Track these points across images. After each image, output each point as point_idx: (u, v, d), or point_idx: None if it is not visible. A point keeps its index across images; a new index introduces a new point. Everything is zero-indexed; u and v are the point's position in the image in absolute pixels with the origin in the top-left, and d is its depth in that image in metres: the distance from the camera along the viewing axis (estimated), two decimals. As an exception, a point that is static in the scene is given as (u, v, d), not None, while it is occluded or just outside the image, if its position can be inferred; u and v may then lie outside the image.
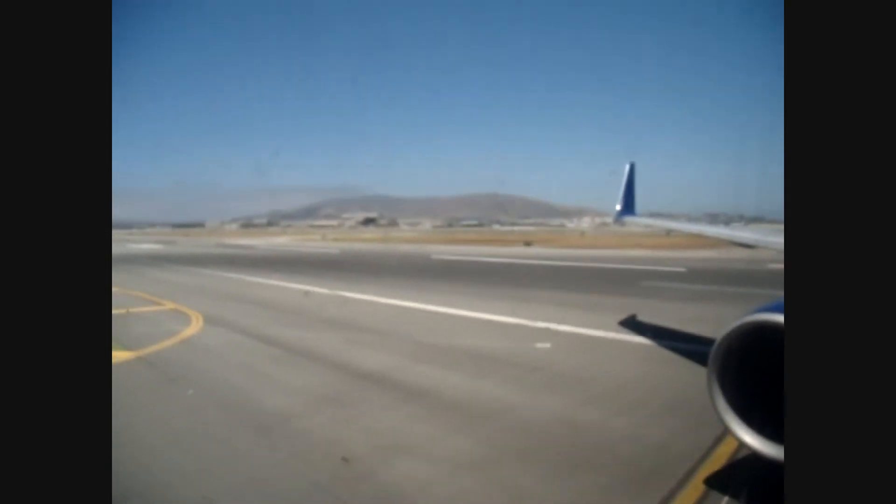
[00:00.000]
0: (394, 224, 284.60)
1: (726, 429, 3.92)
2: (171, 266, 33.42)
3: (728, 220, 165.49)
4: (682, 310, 13.75)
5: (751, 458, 3.93)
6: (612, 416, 6.47)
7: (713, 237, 9.54)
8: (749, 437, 3.81)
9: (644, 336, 10.81)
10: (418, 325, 12.69)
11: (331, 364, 9.21)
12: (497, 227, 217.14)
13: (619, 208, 12.26)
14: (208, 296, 18.86)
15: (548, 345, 10.32)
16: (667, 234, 49.79)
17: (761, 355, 3.84)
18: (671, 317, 12.62)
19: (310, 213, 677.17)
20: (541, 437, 5.95)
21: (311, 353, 10.03)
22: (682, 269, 24.35)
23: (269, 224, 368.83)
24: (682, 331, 11.19)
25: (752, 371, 3.94)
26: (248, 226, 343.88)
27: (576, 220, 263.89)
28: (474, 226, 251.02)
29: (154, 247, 62.97)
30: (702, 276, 21.85)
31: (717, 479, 4.80)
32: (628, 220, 12.19)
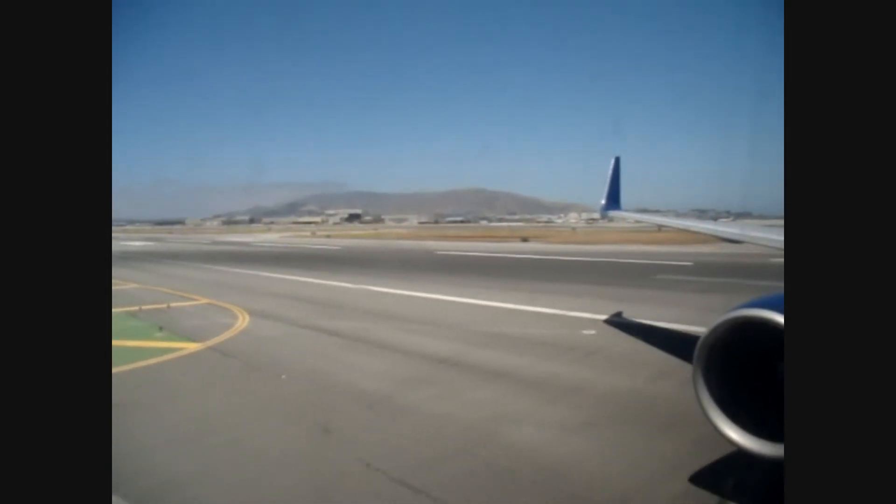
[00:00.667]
0: (379, 220, 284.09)
1: (711, 425, 3.85)
2: (178, 263, 33.63)
3: (716, 215, 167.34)
4: (707, 300, 14.65)
5: (737, 455, 3.88)
6: (677, 388, 7.20)
7: (702, 233, 9.77)
8: (735, 434, 3.77)
9: (679, 324, 11.60)
10: (459, 316, 13.41)
11: (398, 350, 9.90)
12: (484, 223, 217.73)
13: (604, 202, 12.52)
14: (234, 291, 19.27)
15: (593, 331, 11.11)
16: (658, 230, 50.83)
17: (746, 351, 3.88)
18: (699, 306, 13.48)
19: (292, 209, 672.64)
20: (624, 406, 6.73)
21: (372, 341, 10.69)
22: (689, 263, 25.29)
23: (252, 221, 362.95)
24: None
25: (737, 367, 3.94)
26: (230, 223, 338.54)
27: (562, 215, 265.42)
28: (460, 222, 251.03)
29: (147, 244, 62.15)
30: (709, 269, 22.79)
31: (703, 477, 4.83)
32: (613, 213, 12.45)
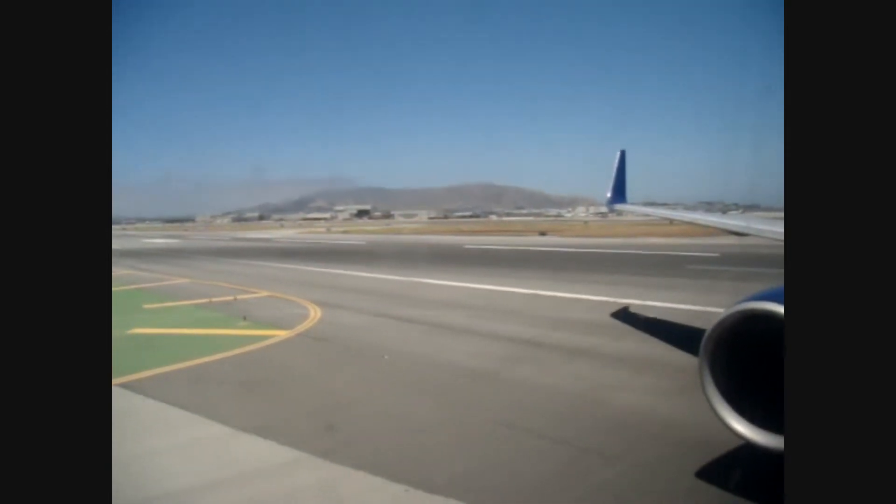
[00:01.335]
0: (388, 216, 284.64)
1: (717, 417, 3.90)
2: (216, 259, 34.61)
3: (725, 208, 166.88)
4: (747, 287, 15.37)
5: (745, 449, 3.91)
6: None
7: (708, 225, 9.75)
8: (741, 427, 3.77)
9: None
10: (516, 304, 14.31)
11: (478, 334, 10.76)
12: (494, 217, 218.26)
13: (609, 196, 12.72)
14: (286, 284, 20.01)
15: (652, 315, 11.95)
16: (669, 223, 51.44)
17: (753, 344, 3.87)
18: (742, 292, 14.24)
19: (300, 205, 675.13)
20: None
21: (449, 327, 11.58)
22: (716, 254, 26.04)
23: (261, 218, 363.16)
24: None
25: (743, 360, 3.95)
26: (239, 219, 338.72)
27: (571, 210, 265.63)
28: (469, 217, 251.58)
29: (169, 241, 62.72)
30: (738, 259, 23.52)
31: (710, 472, 4.86)
32: (619, 207, 12.64)
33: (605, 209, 12.76)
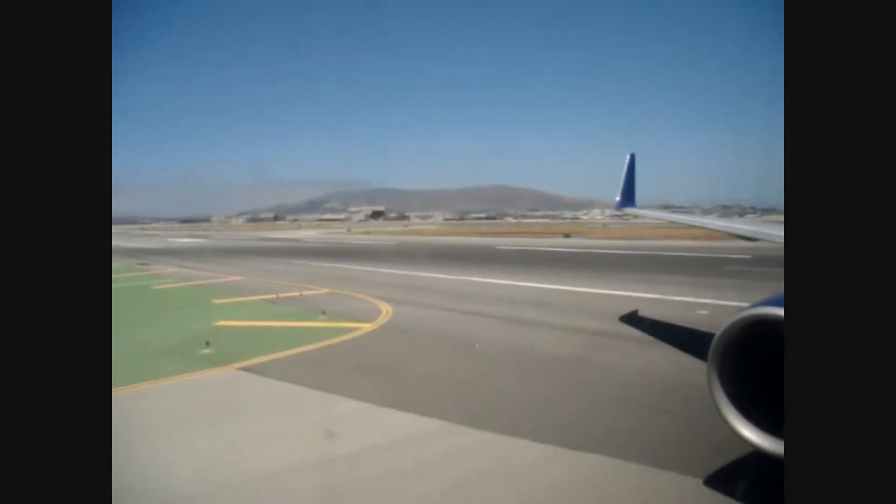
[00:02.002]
0: (404, 217, 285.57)
1: (725, 423, 3.91)
2: (254, 258, 35.47)
3: (742, 211, 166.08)
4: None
5: (752, 456, 3.91)
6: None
7: (717, 230, 10.05)
8: (748, 432, 3.76)
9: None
10: (575, 300, 15.22)
11: (554, 327, 11.63)
12: (510, 220, 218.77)
13: (619, 199, 12.83)
14: (340, 281, 20.67)
15: (706, 312, 12.75)
16: (687, 227, 51.71)
17: (761, 350, 3.83)
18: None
19: (314, 206, 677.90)
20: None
21: (523, 320, 12.43)
22: (748, 256, 26.65)
23: (276, 218, 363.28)
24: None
25: (752, 366, 3.93)
26: (254, 220, 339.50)
27: (586, 212, 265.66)
28: (483, 218, 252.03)
29: (196, 241, 63.24)
30: (771, 261, 24.07)
31: (717, 479, 4.88)
32: (628, 210, 12.80)
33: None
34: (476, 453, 5.66)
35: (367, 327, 11.96)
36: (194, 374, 8.66)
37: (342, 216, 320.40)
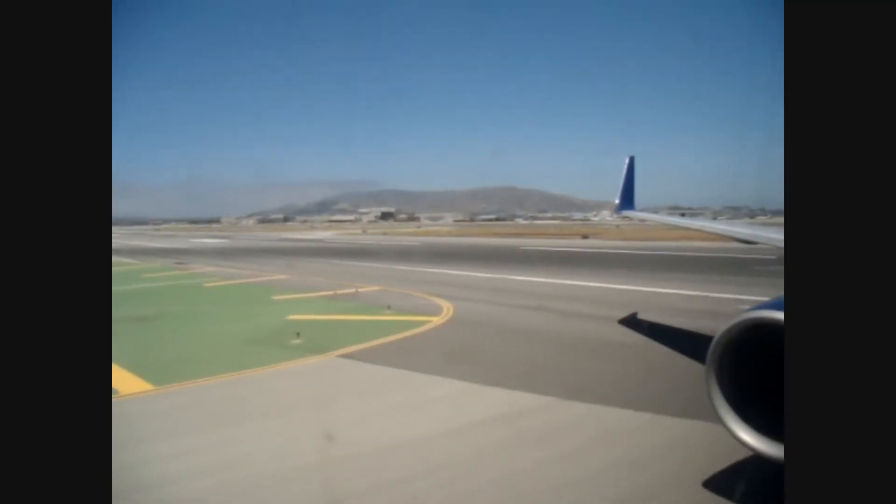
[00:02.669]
0: (414, 218, 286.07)
1: (724, 427, 3.87)
2: (288, 257, 36.21)
3: (751, 213, 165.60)
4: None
5: (751, 460, 3.91)
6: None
7: (716, 234, 10.53)
8: (747, 436, 3.73)
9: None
10: (619, 297, 16.04)
11: (611, 319, 12.47)
12: (520, 221, 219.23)
13: (618, 202, 12.86)
14: (388, 279, 21.24)
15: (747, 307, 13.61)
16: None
17: (760, 353, 3.82)
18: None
19: (323, 207, 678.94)
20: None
21: (579, 314, 13.34)
22: (773, 256, 27.38)
23: (286, 219, 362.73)
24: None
25: (751, 369, 3.91)
26: (264, 221, 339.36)
27: (596, 213, 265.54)
28: (493, 219, 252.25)
29: (221, 241, 63.73)
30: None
31: (716, 482, 4.85)
32: (628, 213, 12.88)
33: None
34: (587, 421, 6.59)
35: (435, 320, 12.78)
36: (298, 361, 9.49)
37: (352, 217, 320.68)
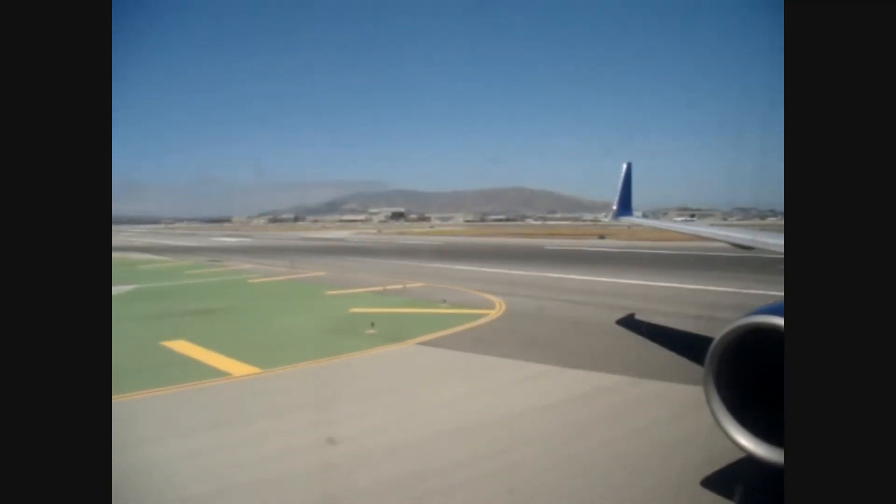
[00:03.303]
0: (425, 218, 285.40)
1: (722, 431, 3.85)
2: (317, 255, 36.78)
3: (761, 214, 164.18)
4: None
5: (748, 462, 3.94)
6: None
7: (714, 239, 10.56)
8: (745, 440, 3.73)
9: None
10: (661, 293, 16.86)
11: (659, 313, 13.22)
12: (531, 221, 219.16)
13: (615, 208, 12.87)
14: (428, 276, 21.80)
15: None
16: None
17: (759, 358, 3.82)
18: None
19: (333, 207, 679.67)
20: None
21: (625, 307, 14.03)
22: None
23: (296, 219, 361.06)
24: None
25: (749, 374, 3.91)
26: (275, 221, 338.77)
27: (606, 214, 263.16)
28: (503, 220, 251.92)
29: (243, 240, 63.87)
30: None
31: (714, 483, 4.87)
32: (625, 219, 12.99)
33: (639, 213, 13.94)
34: (667, 396, 7.45)
35: (492, 313, 13.45)
36: (382, 349, 10.17)
37: (362, 217, 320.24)
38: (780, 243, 7.22)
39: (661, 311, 13.46)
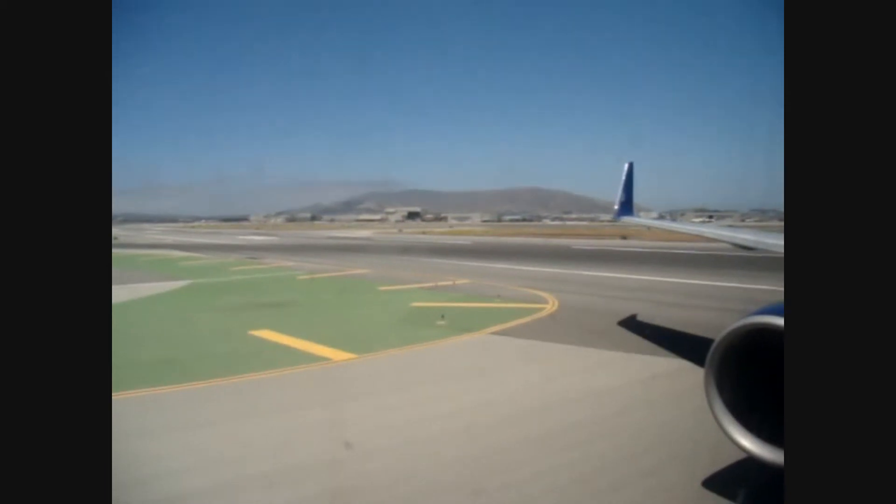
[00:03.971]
0: (441, 218, 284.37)
1: (723, 432, 3.84)
2: (353, 254, 37.22)
3: (779, 215, 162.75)
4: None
5: (749, 462, 3.96)
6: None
7: (717, 239, 10.64)
8: (746, 441, 3.72)
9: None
10: (699, 290, 17.59)
11: (704, 308, 14.02)
12: (547, 221, 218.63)
13: (617, 209, 12.67)
14: (471, 274, 22.28)
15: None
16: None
17: (760, 358, 3.80)
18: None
19: (350, 206, 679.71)
20: None
21: (673, 303, 14.85)
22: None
23: (313, 218, 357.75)
24: None
25: (751, 374, 3.89)
26: (292, 220, 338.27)
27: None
28: (519, 220, 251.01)
29: (269, 239, 64.40)
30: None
31: (715, 483, 4.91)
32: (626, 220, 12.83)
33: (654, 214, 13.88)
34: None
35: (548, 307, 14.15)
36: (458, 338, 10.93)
37: (378, 217, 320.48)
38: (778, 243, 7.36)
39: (706, 306, 14.23)
